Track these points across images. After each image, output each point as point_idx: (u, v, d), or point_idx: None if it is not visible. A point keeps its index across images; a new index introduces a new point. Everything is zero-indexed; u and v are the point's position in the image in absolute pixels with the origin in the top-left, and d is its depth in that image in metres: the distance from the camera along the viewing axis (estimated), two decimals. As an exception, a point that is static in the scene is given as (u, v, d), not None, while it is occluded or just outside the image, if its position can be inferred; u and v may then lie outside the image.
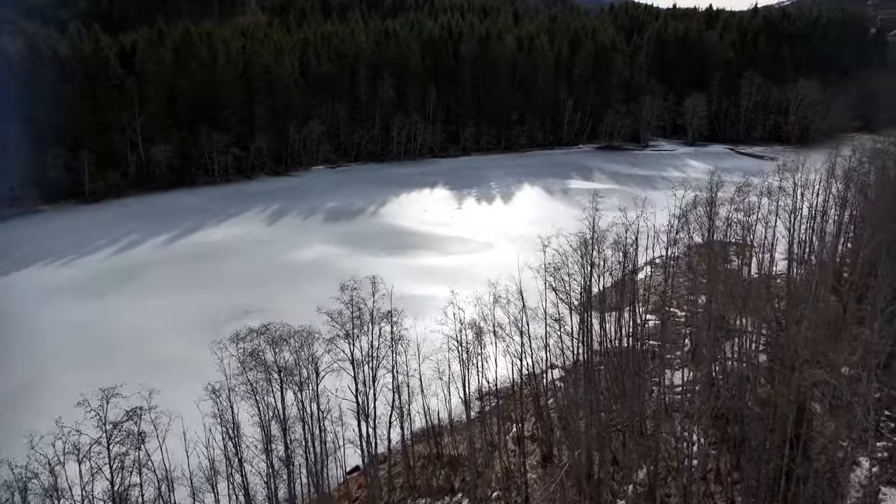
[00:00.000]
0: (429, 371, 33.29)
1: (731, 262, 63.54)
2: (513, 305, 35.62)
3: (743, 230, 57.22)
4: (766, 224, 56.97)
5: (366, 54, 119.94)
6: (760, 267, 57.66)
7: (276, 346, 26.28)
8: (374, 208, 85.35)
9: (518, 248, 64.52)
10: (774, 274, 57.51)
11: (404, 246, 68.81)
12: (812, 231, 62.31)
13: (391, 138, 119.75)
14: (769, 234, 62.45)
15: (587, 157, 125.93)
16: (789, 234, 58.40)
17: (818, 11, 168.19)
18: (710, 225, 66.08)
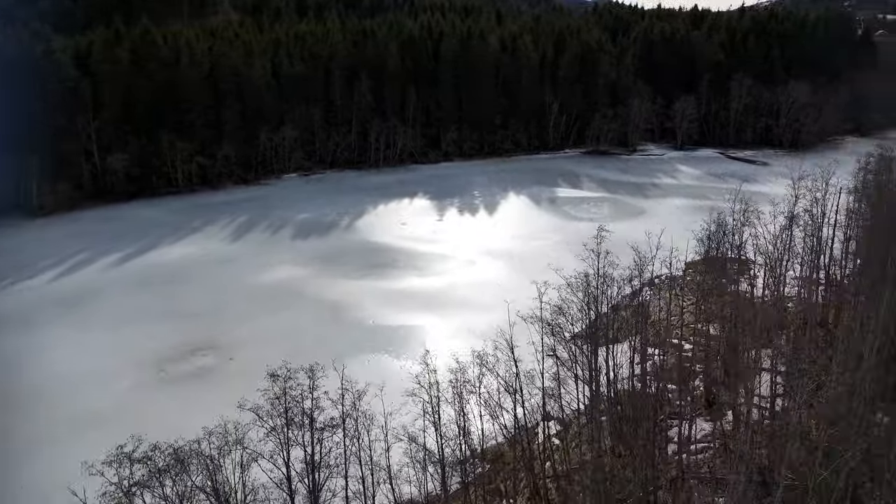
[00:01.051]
0: (398, 452, 27.27)
1: (735, 280, 58.59)
2: (503, 365, 29.52)
3: (755, 246, 52.67)
4: (778, 241, 51.73)
5: (341, 55, 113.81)
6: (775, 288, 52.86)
7: (168, 475, 18.69)
8: (349, 221, 79.30)
9: (503, 267, 59.17)
10: (786, 296, 52.53)
11: (380, 265, 62.93)
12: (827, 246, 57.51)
13: (368, 144, 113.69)
14: (776, 248, 57.68)
15: (574, 162, 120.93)
16: (810, 249, 53.56)
17: (805, 12, 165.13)
18: (711, 240, 61.22)
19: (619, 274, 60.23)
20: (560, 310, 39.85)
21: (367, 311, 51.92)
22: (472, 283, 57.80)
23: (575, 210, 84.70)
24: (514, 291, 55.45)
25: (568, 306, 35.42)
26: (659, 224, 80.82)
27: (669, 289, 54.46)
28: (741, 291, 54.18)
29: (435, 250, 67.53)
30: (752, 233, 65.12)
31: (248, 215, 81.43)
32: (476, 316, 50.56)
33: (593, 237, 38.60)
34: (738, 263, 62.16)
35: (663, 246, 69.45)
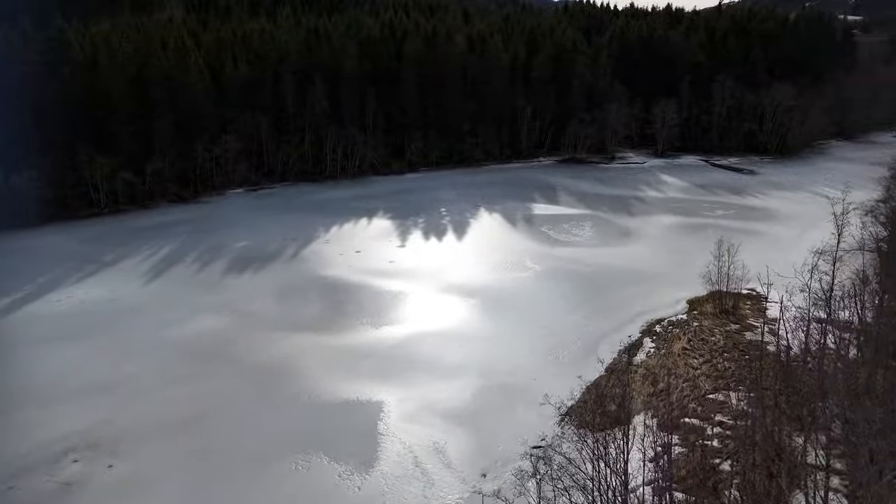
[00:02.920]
0: None
1: (745, 319, 49.41)
2: None
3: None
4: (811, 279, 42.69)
5: (292, 57, 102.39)
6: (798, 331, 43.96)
7: None
8: (295, 249, 68.18)
9: (477, 311, 48.41)
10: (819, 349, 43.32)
11: (327, 310, 52.11)
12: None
13: (324, 154, 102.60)
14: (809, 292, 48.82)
15: (549, 172, 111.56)
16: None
17: (782, 10, 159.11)
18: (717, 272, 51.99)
19: (610, 326, 50.81)
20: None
21: (306, 378, 41.18)
22: (439, 334, 47.44)
23: (555, 231, 74.95)
24: (492, 348, 44.85)
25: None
26: (649, 247, 71.97)
27: (674, 339, 44.82)
28: (762, 343, 44.87)
29: (394, 287, 56.94)
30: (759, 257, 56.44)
31: (177, 243, 69.75)
32: (443, 384, 40.25)
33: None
34: (749, 300, 53.20)
35: (658, 276, 60.40)
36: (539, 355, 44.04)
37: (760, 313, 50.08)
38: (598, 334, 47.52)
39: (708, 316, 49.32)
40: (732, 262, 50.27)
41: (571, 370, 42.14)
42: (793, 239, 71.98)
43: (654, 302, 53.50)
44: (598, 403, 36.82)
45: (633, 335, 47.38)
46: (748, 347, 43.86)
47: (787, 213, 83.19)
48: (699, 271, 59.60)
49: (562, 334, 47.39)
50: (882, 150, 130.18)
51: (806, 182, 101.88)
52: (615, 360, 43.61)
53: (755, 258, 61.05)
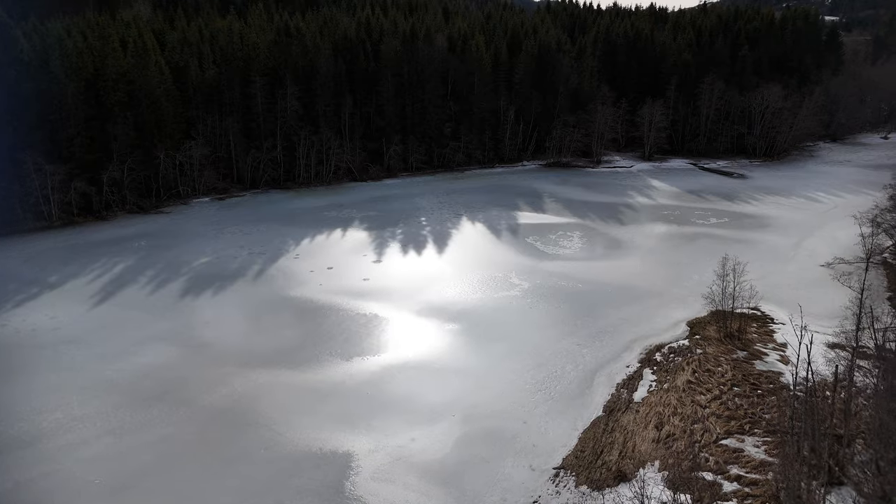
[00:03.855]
0: None
1: (752, 345, 45.10)
2: None
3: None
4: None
5: (262, 57, 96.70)
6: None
7: None
8: (262, 265, 62.75)
9: (460, 338, 42.78)
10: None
11: (290, 339, 46.84)
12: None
13: (297, 160, 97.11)
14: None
15: (534, 177, 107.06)
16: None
17: (770, 9, 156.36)
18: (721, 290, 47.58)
19: (606, 354, 46.17)
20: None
21: (264, 425, 36.01)
22: (417, 367, 42.47)
23: (542, 242, 70.36)
24: (476, 384, 39.59)
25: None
26: (642, 260, 67.45)
27: (677, 370, 40.26)
28: (775, 374, 40.55)
29: (368, 309, 51.86)
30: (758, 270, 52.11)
31: (132, 260, 63.97)
32: (420, 430, 35.31)
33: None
34: (755, 321, 48.92)
35: (654, 293, 55.96)
36: (528, 391, 39.26)
37: (769, 337, 45.81)
38: (593, 364, 42.89)
39: (712, 341, 44.90)
40: (739, 282, 45.67)
41: (565, 408, 37.50)
42: (791, 248, 68.16)
43: (652, 325, 49.03)
44: (595, 453, 32.26)
45: (630, 365, 42.83)
46: (760, 380, 39.42)
47: (783, 220, 79.45)
48: (697, 287, 55.63)
49: (553, 365, 42.69)
50: (871, 153, 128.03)
51: (798, 186, 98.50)
52: (613, 396, 39.01)
53: (754, 271, 57.07)
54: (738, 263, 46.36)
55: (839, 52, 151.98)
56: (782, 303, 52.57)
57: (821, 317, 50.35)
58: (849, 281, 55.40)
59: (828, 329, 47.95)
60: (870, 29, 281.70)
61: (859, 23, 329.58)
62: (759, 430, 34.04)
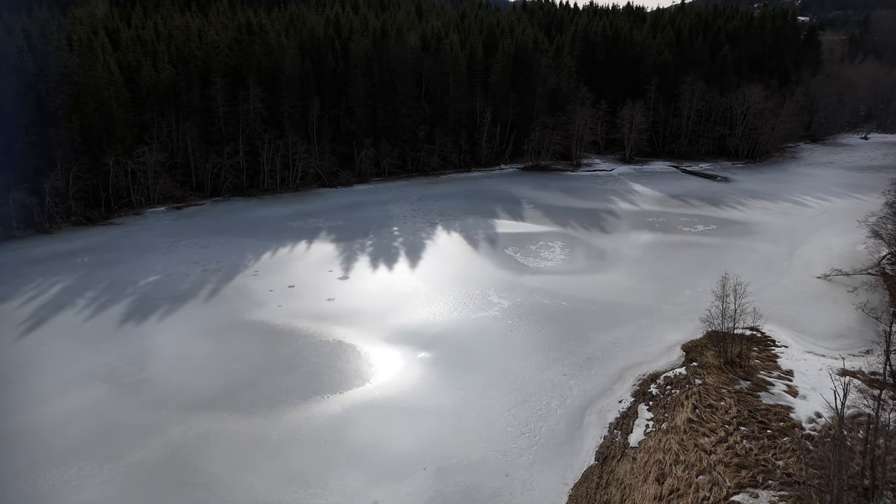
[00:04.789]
0: None
1: (755, 373, 40.93)
2: None
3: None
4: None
5: (222, 56, 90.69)
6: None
7: None
8: (216, 283, 57.15)
9: (434, 368, 37.41)
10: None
11: (241, 373, 41.49)
12: None
13: (261, 166, 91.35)
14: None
15: (512, 181, 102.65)
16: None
17: (747, 8, 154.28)
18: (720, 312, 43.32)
19: (595, 386, 41.60)
20: None
21: (202, 485, 30.74)
22: (383, 406, 37.49)
23: (522, 254, 65.80)
24: (450, 427, 34.24)
25: None
26: (628, 273, 63.05)
27: (676, 405, 35.84)
28: (784, 408, 36.38)
29: (331, 334, 46.72)
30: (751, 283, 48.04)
31: (72, 279, 57.91)
32: (385, 489, 30.33)
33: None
34: (755, 344, 44.82)
35: (644, 311, 51.66)
36: (511, 435, 34.53)
37: (772, 363, 41.72)
38: (582, 399, 38.31)
39: (711, 369, 40.64)
40: (740, 304, 41.47)
41: (553, 457, 32.85)
42: (783, 258, 64.49)
43: (645, 349, 44.67)
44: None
45: (623, 399, 38.34)
46: (768, 417, 35.20)
47: (772, 226, 75.99)
48: (689, 304, 51.67)
49: (537, 400, 38.03)
50: (853, 154, 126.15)
51: (784, 190, 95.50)
52: (606, 439, 34.46)
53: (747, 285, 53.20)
54: (738, 284, 42.10)
55: (818, 52, 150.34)
56: (782, 321, 48.68)
57: (824, 337, 46.65)
58: (857, 298, 51.79)
59: (833, 351, 44.14)
60: (839, 29, 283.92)
61: (829, 23, 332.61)
62: (774, 482, 29.71)
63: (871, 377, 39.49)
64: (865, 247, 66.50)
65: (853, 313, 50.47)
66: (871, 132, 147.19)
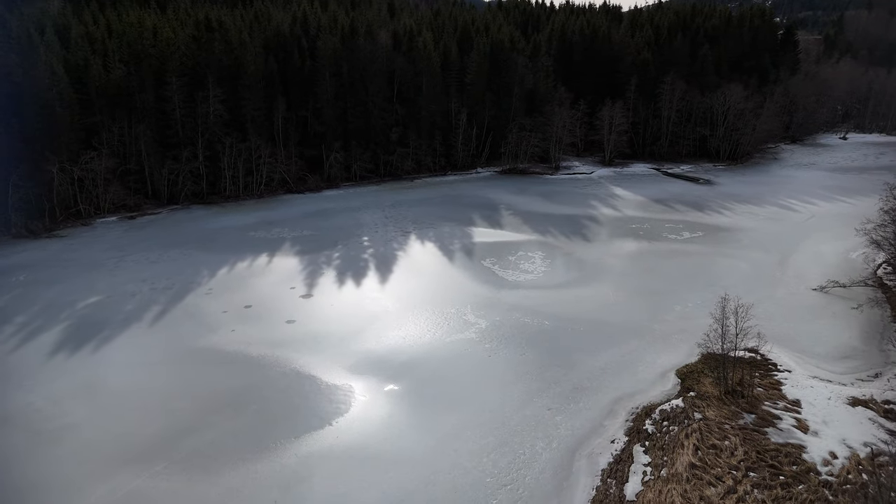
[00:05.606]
0: None
1: (760, 404, 37.03)
2: None
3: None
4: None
5: (178, 54, 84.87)
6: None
7: None
8: (164, 305, 51.80)
9: (405, 400, 32.46)
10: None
11: (181, 418, 36.39)
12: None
13: (222, 171, 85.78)
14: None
15: (489, 186, 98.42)
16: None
17: (724, 7, 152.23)
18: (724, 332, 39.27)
19: (584, 422, 37.08)
20: None
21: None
22: (343, 455, 32.76)
23: (500, 265, 61.48)
24: (420, 480, 29.75)
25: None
26: (614, 287, 58.80)
27: (675, 446, 31.68)
28: (795, 448, 32.46)
29: (288, 364, 41.83)
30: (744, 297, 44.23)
31: (1, 301, 52.06)
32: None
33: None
34: (756, 368, 40.98)
35: (633, 330, 47.65)
36: (490, 488, 30.06)
37: (776, 391, 37.88)
38: (571, 439, 34.00)
39: (711, 401, 36.64)
40: (743, 327, 37.50)
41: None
42: (775, 268, 61.06)
43: (636, 376, 40.57)
44: None
45: (616, 439, 34.11)
46: (779, 459, 31.25)
47: (760, 233, 72.78)
48: (680, 322, 47.91)
49: (520, 442, 33.63)
50: (833, 154, 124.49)
51: (768, 193, 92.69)
52: (600, 490, 30.17)
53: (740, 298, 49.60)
54: (740, 305, 38.15)
55: (795, 52, 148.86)
56: (781, 340, 44.96)
57: (827, 358, 43.00)
58: (866, 315, 48.42)
59: (839, 375, 40.50)
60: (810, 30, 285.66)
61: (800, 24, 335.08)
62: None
63: (885, 406, 35.88)
64: (858, 255, 63.64)
65: (855, 330, 47.08)
66: (849, 132, 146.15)
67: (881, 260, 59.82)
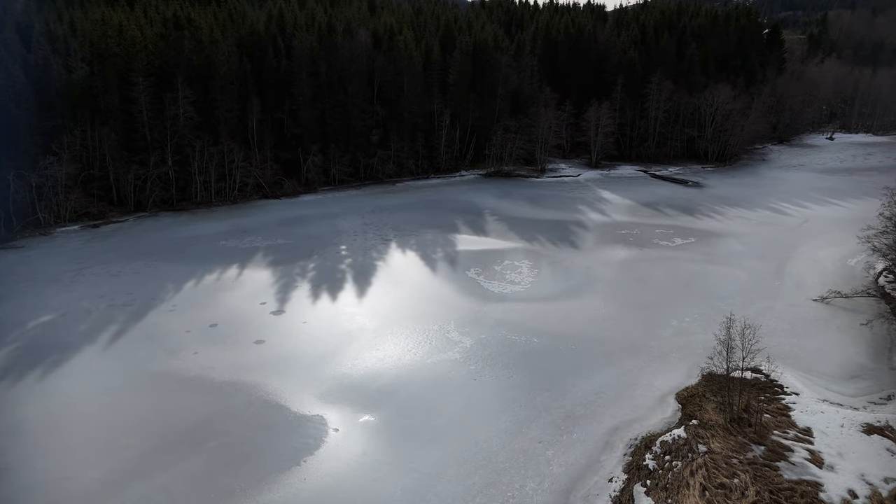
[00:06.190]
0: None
1: (768, 433, 34.03)
2: None
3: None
4: None
5: (144, 54, 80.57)
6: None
7: None
8: (122, 324, 47.80)
9: (381, 434, 28.44)
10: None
11: (128, 460, 32.58)
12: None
13: (192, 176, 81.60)
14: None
15: (473, 189, 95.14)
16: None
17: (709, 6, 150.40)
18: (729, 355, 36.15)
19: (578, 458, 33.35)
20: None
21: None
22: (316, 500, 29.18)
23: (485, 276, 58.24)
24: None
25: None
26: (605, 299, 55.27)
27: (679, 485, 28.56)
28: (811, 485, 29.48)
29: (254, 392, 38.19)
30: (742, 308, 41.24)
31: (-58, 323, 47.83)
32: None
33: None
34: (762, 392, 38.06)
35: (627, 348, 44.56)
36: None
37: (785, 417, 34.96)
38: (564, 477, 30.77)
39: (716, 431, 33.61)
40: (750, 350, 34.48)
41: (530, 571, 25.05)
42: (773, 277, 58.39)
43: (633, 401, 37.47)
44: None
45: (615, 477, 30.94)
46: (794, 499, 28.25)
47: (754, 239, 70.21)
48: (677, 338, 45.05)
49: (508, 482, 30.34)
50: (821, 155, 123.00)
51: (759, 196, 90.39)
52: (597, 540, 26.91)
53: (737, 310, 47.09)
54: (748, 327, 35.12)
55: (781, 51, 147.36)
56: (785, 358, 42.14)
57: (835, 378, 40.21)
58: (872, 329, 45.81)
59: (850, 398, 37.69)
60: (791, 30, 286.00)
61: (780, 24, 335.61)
62: None
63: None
64: (857, 262, 61.29)
65: (862, 346, 44.42)
66: (835, 132, 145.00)
67: (881, 267, 57.42)
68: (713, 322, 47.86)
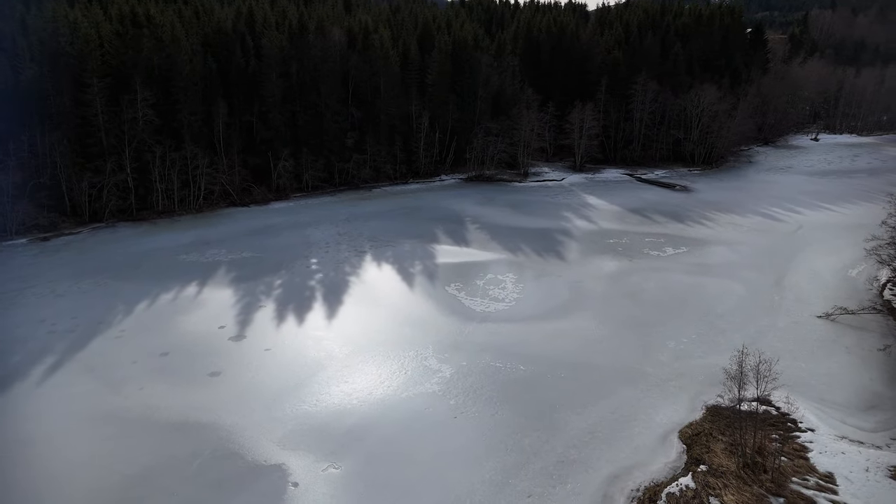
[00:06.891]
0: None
1: (786, 480, 30.09)
2: None
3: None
4: None
5: (99, 53, 75.10)
6: None
7: None
8: (61, 354, 42.72)
9: (340, 488, 26.41)
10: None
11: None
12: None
13: (153, 183, 76.30)
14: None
15: (454, 195, 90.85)
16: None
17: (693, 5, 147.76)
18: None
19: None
20: None
21: None
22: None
23: (467, 292, 54.00)
24: None
25: None
26: (596, 318, 49.43)
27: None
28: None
29: (202, 438, 33.51)
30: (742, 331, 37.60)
31: None
32: None
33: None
34: (775, 429, 34.21)
35: (622, 375, 40.36)
36: None
37: (803, 460, 31.15)
38: (558, 542, 26.56)
39: (728, 479, 29.68)
40: (766, 387, 30.59)
41: None
42: (772, 291, 54.92)
43: (632, 441, 33.45)
44: None
45: (616, 539, 26.81)
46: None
47: (748, 248, 66.87)
48: (676, 362, 41.34)
49: (493, 550, 26.04)
50: (808, 157, 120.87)
51: (749, 201, 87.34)
52: None
53: (737, 330, 43.72)
54: (762, 362, 31.20)
55: (765, 51, 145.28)
56: (794, 385, 38.36)
57: (851, 409, 36.56)
58: (892, 355, 42.26)
59: (870, 434, 34.01)
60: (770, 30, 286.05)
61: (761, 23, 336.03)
62: None
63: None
64: (858, 272, 58.14)
65: (875, 370, 40.95)
66: (820, 133, 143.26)
67: (885, 279, 54.24)
68: (713, 344, 44.46)
